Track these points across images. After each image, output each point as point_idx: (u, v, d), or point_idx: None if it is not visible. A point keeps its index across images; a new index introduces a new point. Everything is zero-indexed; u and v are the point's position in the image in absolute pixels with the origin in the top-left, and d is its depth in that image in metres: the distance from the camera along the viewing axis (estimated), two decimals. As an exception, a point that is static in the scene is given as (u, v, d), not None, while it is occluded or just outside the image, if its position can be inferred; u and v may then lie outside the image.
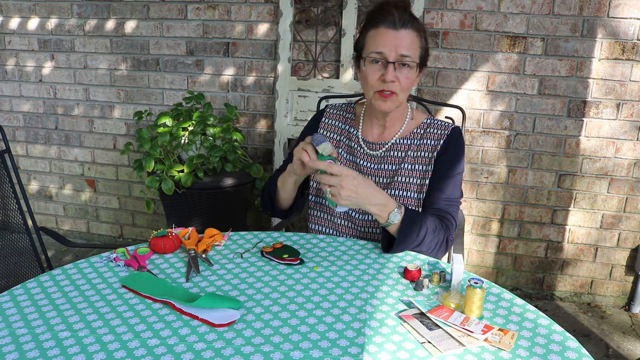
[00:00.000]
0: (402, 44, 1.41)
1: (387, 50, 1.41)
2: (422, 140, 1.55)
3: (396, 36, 1.41)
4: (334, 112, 1.68)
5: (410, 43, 1.42)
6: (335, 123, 1.66)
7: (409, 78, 1.44)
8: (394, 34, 1.41)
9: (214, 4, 2.83)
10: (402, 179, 1.53)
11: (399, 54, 1.41)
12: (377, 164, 1.57)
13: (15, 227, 1.88)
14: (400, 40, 1.41)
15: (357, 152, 1.59)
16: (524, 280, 2.88)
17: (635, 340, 2.50)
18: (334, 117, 1.67)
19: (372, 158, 1.58)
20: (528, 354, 1.00)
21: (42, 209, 3.46)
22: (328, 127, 1.66)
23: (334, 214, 1.59)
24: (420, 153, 1.55)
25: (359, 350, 0.99)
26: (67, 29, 3.06)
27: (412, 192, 1.52)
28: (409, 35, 1.42)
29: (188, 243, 1.38)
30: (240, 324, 1.07)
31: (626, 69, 2.50)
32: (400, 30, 1.41)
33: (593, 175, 2.66)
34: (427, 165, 1.53)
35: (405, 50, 1.41)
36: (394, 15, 1.41)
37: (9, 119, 3.32)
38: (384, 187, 1.55)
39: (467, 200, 2.81)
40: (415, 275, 1.25)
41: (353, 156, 1.60)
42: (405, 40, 1.42)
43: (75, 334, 1.03)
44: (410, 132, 1.57)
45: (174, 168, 2.56)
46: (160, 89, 3.04)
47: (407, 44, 1.42)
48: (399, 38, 1.41)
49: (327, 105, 1.71)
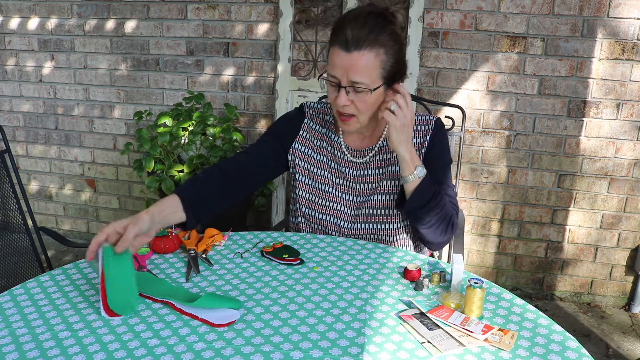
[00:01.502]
0: (354, 68, 1.30)
1: (339, 75, 1.32)
2: None
3: (348, 59, 1.29)
4: (314, 113, 1.58)
5: (365, 66, 1.30)
6: (316, 127, 1.57)
7: (365, 102, 1.34)
8: (345, 56, 1.30)
9: (214, 4, 2.83)
10: (391, 182, 1.49)
11: (351, 80, 1.31)
12: (362, 169, 1.52)
13: (15, 227, 1.88)
14: (352, 64, 1.29)
15: (341, 160, 1.53)
16: (524, 280, 2.88)
17: (635, 340, 2.50)
18: (314, 119, 1.57)
19: (356, 165, 1.52)
20: (528, 354, 1.00)
21: (42, 209, 3.46)
22: (309, 130, 1.57)
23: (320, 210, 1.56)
24: None
25: (359, 350, 0.99)
26: (67, 29, 3.06)
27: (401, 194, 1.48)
28: (363, 58, 1.29)
29: (188, 243, 1.38)
30: (240, 324, 1.07)
31: (626, 69, 2.51)
32: (352, 53, 1.29)
33: (593, 175, 2.66)
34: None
35: (357, 76, 1.30)
36: (346, 34, 1.29)
37: (9, 119, 3.32)
38: (370, 193, 1.51)
39: (467, 200, 2.81)
40: (415, 275, 1.25)
41: (337, 164, 1.54)
42: (358, 64, 1.29)
43: (75, 334, 1.03)
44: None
45: (174, 168, 2.56)
46: (160, 89, 3.04)
47: (361, 68, 1.30)
48: (351, 61, 1.29)
49: (303, 105, 1.60)
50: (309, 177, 1.57)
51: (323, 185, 1.55)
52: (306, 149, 1.57)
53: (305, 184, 1.57)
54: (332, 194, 1.54)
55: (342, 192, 1.54)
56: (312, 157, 1.56)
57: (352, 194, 1.53)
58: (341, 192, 1.54)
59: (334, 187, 1.54)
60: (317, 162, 1.56)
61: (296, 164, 1.57)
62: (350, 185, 1.54)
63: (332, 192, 1.54)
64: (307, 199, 1.57)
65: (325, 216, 1.54)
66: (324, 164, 1.56)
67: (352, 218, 1.53)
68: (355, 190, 1.53)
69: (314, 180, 1.56)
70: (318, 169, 1.56)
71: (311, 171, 1.57)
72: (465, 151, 2.73)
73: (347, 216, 1.53)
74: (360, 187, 1.53)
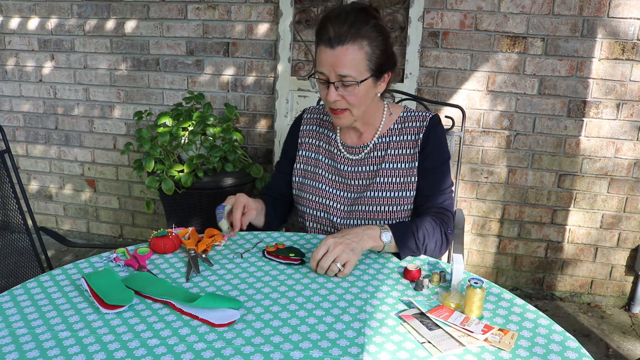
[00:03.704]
0: (340, 62, 1.33)
1: (326, 71, 1.36)
2: (402, 136, 1.52)
3: (333, 55, 1.34)
4: (311, 116, 1.65)
5: (351, 60, 1.33)
6: (314, 128, 1.63)
7: (355, 95, 1.38)
8: (330, 53, 1.34)
9: (214, 4, 2.83)
10: (384, 179, 1.51)
11: (338, 74, 1.34)
12: (357, 166, 1.55)
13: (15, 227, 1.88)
14: (337, 59, 1.33)
15: (337, 157, 1.57)
16: (524, 280, 2.88)
17: (635, 340, 2.50)
18: (311, 122, 1.64)
19: (352, 162, 1.55)
20: (528, 354, 1.00)
21: (42, 209, 3.46)
22: (307, 134, 1.63)
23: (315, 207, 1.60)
24: (402, 150, 1.51)
25: (359, 350, 0.99)
26: (67, 29, 3.06)
27: (395, 191, 1.50)
28: (348, 51, 1.33)
29: (188, 243, 1.38)
30: (240, 324, 1.07)
31: (626, 69, 2.51)
32: (336, 48, 1.33)
33: (593, 175, 2.66)
34: (411, 162, 1.50)
35: (344, 70, 1.34)
36: (328, 31, 1.33)
37: (9, 119, 3.32)
38: (364, 189, 1.53)
39: (467, 200, 2.81)
40: (415, 275, 1.25)
41: (333, 161, 1.58)
42: (344, 58, 1.33)
43: (75, 334, 1.03)
44: (387, 128, 1.54)
45: (174, 168, 2.56)
46: (160, 89, 3.04)
47: (347, 62, 1.33)
48: (336, 57, 1.33)
49: (304, 110, 1.68)
50: (303, 175, 1.61)
51: (315, 182, 1.58)
52: (307, 152, 1.62)
53: (298, 183, 1.62)
54: (325, 191, 1.56)
55: (335, 189, 1.56)
56: (310, 158, 1.61)
57: (346, 190, 1.55)
58: (334, 188, 1.56)
59: (328, 183, 1.57)
60: (314, 161, 1.60)
61: (296, 167, 1.63)
62: (344, 182, 1.56)
63: (325, 189, 1.56)
64: (300, 197, 1.61)
65: (318, 212, 1.57)
66: (320, 162, 1.59)
67: (345, 214, 1.54)
68: (349, 187, 1.55)
69: (307, 178, 1.60)
70: (313, 167, 1.60)
71: (306, 170, 1.61)
72: (465, 151, 2.73)
73: (340, 212, 1.55)
74: (354, 183, 1.55)
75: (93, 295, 1.13)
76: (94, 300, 1.12)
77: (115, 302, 1.11)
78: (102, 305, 1.10)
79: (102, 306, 1.10)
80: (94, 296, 1.13)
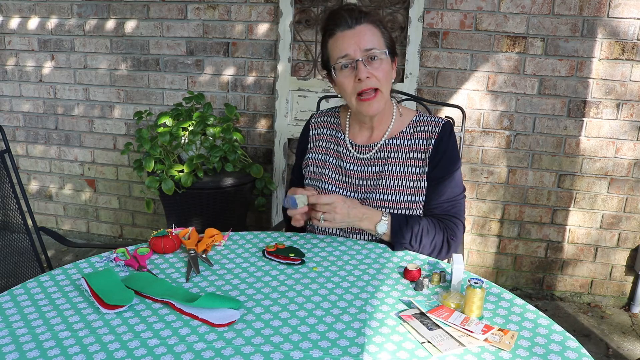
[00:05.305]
0: (363, 39, 1.40)
1: (351, 51, 1.40)
2: (413, 140, 1.52)
3: (355, 34, 1.40)
4: (319, 120, 1.66)
5: (372, 35, 1.41)
6: (323, 131, 1.64)
7: (383, 69, 1.42)
8: (351, 33, 1.41)
9: (214, 4, 2.83)
10: (392, 182, 1.50)
11: (363, 49, 1.40)
12: (365, 166, 1.54)
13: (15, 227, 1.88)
14: (360, 37, 1.40)
15: (345, 157, 1.57)
16: (524, 280, 2.88)
17: (635, 340, 2.50)
18: (320, 125, 1.65)
19: (359, 161, 1.55)
20: (528, 354, 1.00)
21: (42, 209, 3.46)
22: (316, 138, 1.64)
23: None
24: (412, 154, 1.51)
25: (359, 350, 0.99)
26: (67, 29, 3.06)
27: (403, 194, 1.49)
28: (366, 29, 1.41)
29: (188, 243, 1.38)
30: (240, 324, 1.07)
31: (626, 69, 2.51)
32: (356, 27, 1.41)
33: (593, 175, 2.66)
34: (421, 167, 1.50)
35: (369, 44, 1.40)
36: (344, 17, 1.41)
37: (9, 119, 3.32)
38: (370, 191, 1.52)
39: (467, 200, 2.81)
40: (415, 275, 1.25)
41: (340, 160, 1.57)
42: (365, 35, 1.40)
43: (75, 334, 1.03)
44: (399, 131, 1.54)
45: (174, 168, 2.56)
46: (160, 89, 3.04)
47: (369, 38, 1.41)
48: (358, 34, 1.40)
49: (312, 115, 1.70)
50: (311, 177, 1.62)
51: (321, 183, 1.58)
52: (315, 154, 1.63)
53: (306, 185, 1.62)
54: (330, 191, 1.56)
55: (340, 189, 1.56)
56: (318, 160, 1.62)
57: (352, 190, 1.55)
58: (340, 188, 1.56)
59: (333, 184, 1.57)
60: (321, 162, 1.60)
61: (305, 170, 1.64)
62: (351, 182, 1.55)
63: (330, 190, 1.56)
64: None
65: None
66: (327, 163, 1.59)
67: None
68: (356, 187, 1.55)
69: (314, 180, 1.60)
70: (321, 169, 1.60)
71: (314, 172, 1.61)
72: (465, 151, 2.73)
73: None
74: (361, 183, 1.54)
75: (93, 295, 1.13)
76: (94, 300, 1.12)
77: (115, 302, 1.11)
78: (102, 305, 1.10)
79: (102, 306, 1.10)
80: (94, 296, 1.13)
